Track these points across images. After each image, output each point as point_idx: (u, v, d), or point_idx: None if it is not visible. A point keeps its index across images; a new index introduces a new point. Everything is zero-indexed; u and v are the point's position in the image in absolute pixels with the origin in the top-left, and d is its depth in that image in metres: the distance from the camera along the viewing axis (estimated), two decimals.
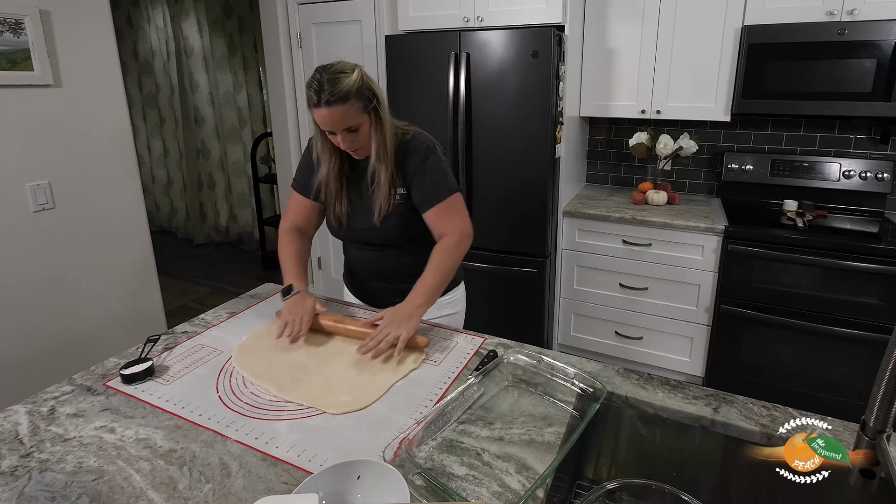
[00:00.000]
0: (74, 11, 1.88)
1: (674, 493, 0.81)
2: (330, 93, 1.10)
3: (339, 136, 1.18)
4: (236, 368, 1.10)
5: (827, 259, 2.05)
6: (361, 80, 1.15)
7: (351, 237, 1.39)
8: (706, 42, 2.33)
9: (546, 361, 1.05)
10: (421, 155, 1.27)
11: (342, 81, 1.11)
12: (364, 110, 1.17)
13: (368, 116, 1.18)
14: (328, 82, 1.11)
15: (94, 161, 2.00)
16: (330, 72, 1.13)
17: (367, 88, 1.17)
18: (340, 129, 1.16)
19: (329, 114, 1.12)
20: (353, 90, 1.12)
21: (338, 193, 1.32)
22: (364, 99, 1.16)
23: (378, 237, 1.33)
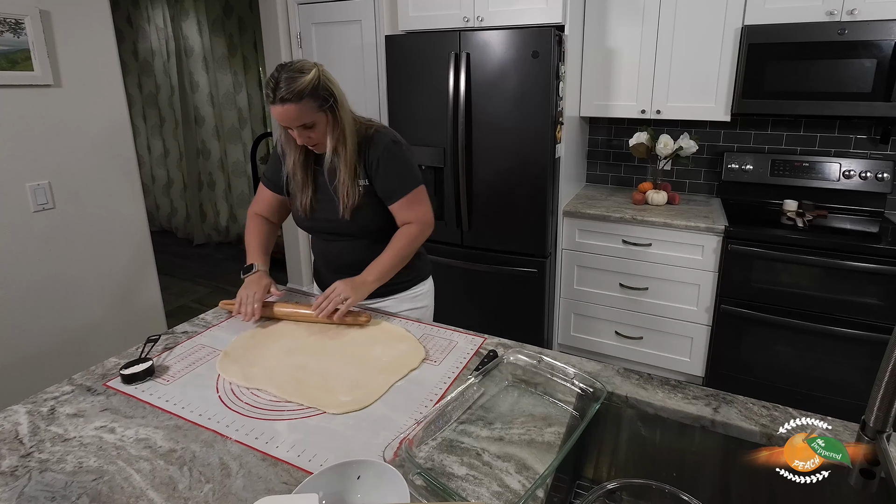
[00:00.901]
0: (74, 11, 1.88)
1: (674, 493, 0.81)
2: (285, 90, 1.15)
3: (296, 132, 1.23)
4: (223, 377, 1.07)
5: (827, 259, 2.05)
6: (318, 79, 1.19)
7: (317, 228, 1.42)
8: (706, 42, 2.33)
9: (546, 361, 1.05)
10: (384, 148, 1.32)
11: (297, 81, 1.16)
12: (319, 109, 1.21)
13: (325, 115, 1.23)
14: (284, 81, 1.15)
15: (94, 161, 2.00)
16: (288, 70, 1.17)
17: (324, 88, 1.21)
18: (295, 125, 1.21)
19: (283, 111, 1.17)
20: (307, 90, 1.17)
21: (304, 184, 1.36)
22: (319, 98, 1.20)
23: (346, 229, 1.37)
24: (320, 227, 1.42)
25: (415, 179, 1.36)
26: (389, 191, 1.34)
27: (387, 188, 1.34)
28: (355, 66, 2.83)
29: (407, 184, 1.34)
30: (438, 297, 1.60)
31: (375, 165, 1.32)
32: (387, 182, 1.33)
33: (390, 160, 1.32)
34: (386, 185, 1.33)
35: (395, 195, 1.34)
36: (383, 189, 1.34)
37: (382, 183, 1.33)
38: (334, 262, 1.45)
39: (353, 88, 2.87)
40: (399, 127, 2.53)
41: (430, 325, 1.30)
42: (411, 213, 1.36)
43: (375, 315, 1.35)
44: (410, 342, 1.19)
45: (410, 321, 1.32)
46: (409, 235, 1.35)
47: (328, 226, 1.39)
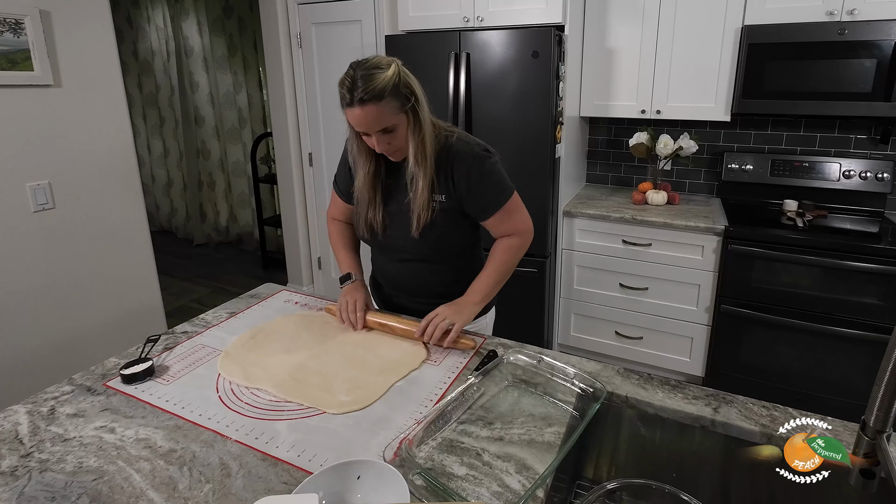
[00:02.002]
0: (74, 11, 1.88)
1: (674, 493, 0.81)
2: (363, 90, 1.02)
3: (375, 138, 1.10)
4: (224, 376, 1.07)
5: (827, 259, 2.05)
6: (399, 76, 1.06)
7: (385, 246, 1.30)
8: (706, 42, 2.33)
9: (546, 361, 1.05)
10: (473, 161, 1.18)
11: (377, 78, 1.03)
12: (401, 110, 1.08)
13: (406, 116, 1.09)
14: (362, 79, 1.02)
15: (94, 161, 2.00)
16: (364, 67, 1.04)
17: (405, 86, 1.08)
18: (375, 130, 1.07)
19: (363, 114, 1.04)
20: (388, 88, 1.04)
21: (371, 200, 1.23)
22: (401, 97, 1.07)
23: (414, 249, 1.25)
24: (387, 246, 1.30)
25: (508, 190, 1.23)
26: (481, 208, 1.21)
27: (478, 205, 1.21)
28: None
29: (501, 197, 1.21)
30: None
31: (464, 181, 1.18)
32: (478, 199, 1.20)
33: (480, 175, 1.18)
34: (477, 203, 1.20)
35: (488, 211, 1.22)
36: (474, 206, 1.21)
37: (472, 200, 1.20)
38: (395, 282, 1.37)
39: None
40: None
41: None
42: (508, 224, 1.24)
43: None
44: (412, 343, 1.19)
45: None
46: (510, 248, 1.24)
47: (395, 244, 1.27)
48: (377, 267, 1.41)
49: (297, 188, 3.27)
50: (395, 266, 1.33)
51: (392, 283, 1.38)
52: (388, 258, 1.34)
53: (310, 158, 3.18)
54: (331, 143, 3.06)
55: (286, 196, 3.34)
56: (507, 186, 1.23)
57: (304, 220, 3.35)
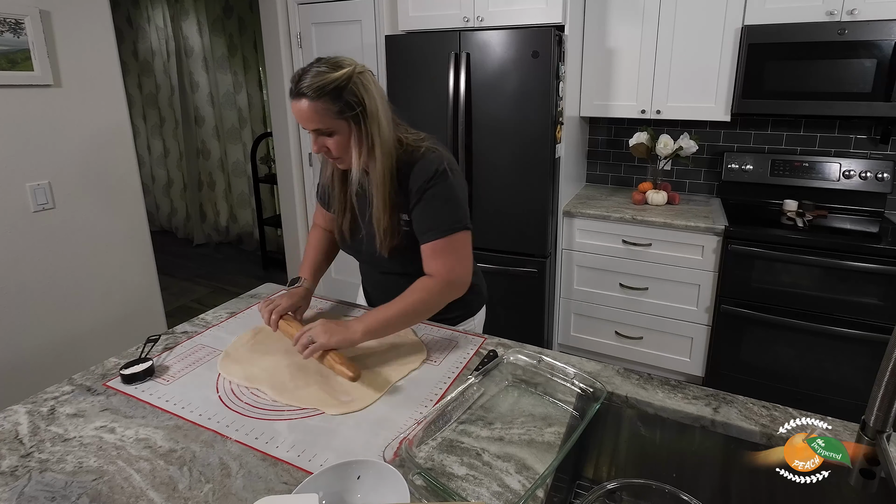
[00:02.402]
0: (74, 11, 1.88)
1: (674, 493, 0.81)
2: (304, 85, 1.00)
3: (312, 137, 1.07)
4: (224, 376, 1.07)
5: (827, 259, 2.05)
6: (347, 81, 1.01)
7: (358, 257, 1.28)
8: (706, 42, 2.33)
9: (546, 361, 1.05)
10: (427, 178, 1.10)
11: (323, 76, 1.00)
12: (339, 115, 1.02)
13: (346, 124, 1.04)
14: (310, 74, 1.01)
15: (94, 161, 2.00)
16: (321, 63, 1.03)
17: (352, 94, 1.02)
18: (308, 127, 1.04)
19: (298, 107, 1.02)
20: (327, 88, 1.00)
21: (341, 206, 1.20)
22: (341, 103, 1.01)
23: (383, 265, 1.22)
24: (361, 257, 1.28)
25: (455, 221, 1.11)
26: (423, 228, 1.12)
27: (421, 225, 1.12)
28: None
29: (443, 224, 1.10)
30: None
31: (416, 195, 1.11)
32: (420, 220, 1.12)
33: (430, 192, 1.10)
34: (421, 222, 1.12)
35: (428, 235, 1.11)
36: (417, 226, 1.13)
37: (418, 217, 1.12)
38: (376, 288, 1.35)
39: None
40: None
41: (430, 325, 1.29)
42: (437, 262, 1.11)
43: None
44: (412, 342, 1.19)
45: None
46: (424, 291, 1.10)
47: (367, 257, 1.24)
48: (363, 275, 1.41)
49: (297, 188, 3.27)
50: (377, 277, 1.33)
51: (376, 290, 1.37)
52: (368, 268, 1.34)
53: (310, 158, 3.18)
54: None
55: (286, 196, 3.34)
56: (457, 220, 1.12)
57: (304, 220, 3.35)
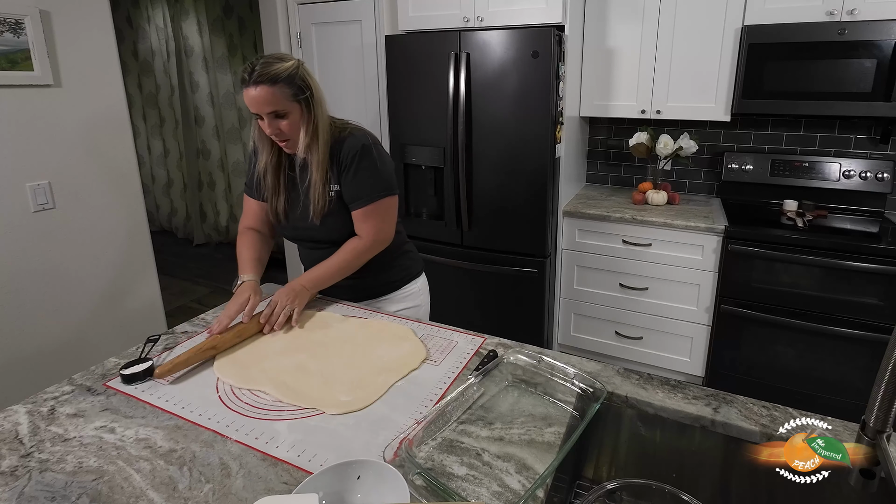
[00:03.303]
0: (74, 11, 1.88)
1: (674, 493, 0.81)
2: (259, 73, 1.14)
3: (266, 121, 1.19)
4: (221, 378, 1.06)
5: (827, 259, 2.05)
6: (297, 69, 1.19)
7: (294, 235, 1.40)
8: (706, 42, 2.33)
9: (546, 361, 1.05)
10: (354, 151, 1.27)
11: (274, 65, 1.15)
12: (294, 98, 1.19)
13: (298, 106, 1.20)
14: (261, 64, 1.15)
15: (94, 161, 2.00)
16: (267, 57, 1.18)
17: (301, 79, 1.19)
18: (266, 111, 1.18)
19: (256, 94, 1.15)
20: (282, 74, 1.16)
21: (275, 189, 1.33)
22: (295, 87, 1.18)
23: (318, 235, 1.34)
24: (296, 235, 1.40)
25: (379, 189, 1.30)
26: (351, 196, 1.30)
27: (349, 194, 1.30)
28: (355, 66, 2.83)
29: (369, 193, 1.29)
30: (439, 297, 1.60)
31: (345, 169, 1.28)
32: (350, 188, 1.29)
33: (357, 165, 1.28)
34: (348, 191, 1.29)
35: (356, 203, 1.30)
36: (347, 195, 1.30)
37: (347, 188, 1.29)
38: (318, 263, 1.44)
39: (352, 88, 2.87)
40: (399, 127, 2.54)
41: (430, 325, 1.30)
42: (366, 224, 1.31)
43: (376, 315, 1.35)
44: (412, 342, 1.19)
45: (411, 321, 1.32)
46: (354, 251, 1.32)
47: (303, 233, 1.37)
48: (302, 258, 1.49)
49: None
50: (313, 253, 1.41)
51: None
52: (302, 245, 1.44)
53: None
54: None
55: None
56: (384, 187, 1.30)
57: None
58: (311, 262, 1.42)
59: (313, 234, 1.36)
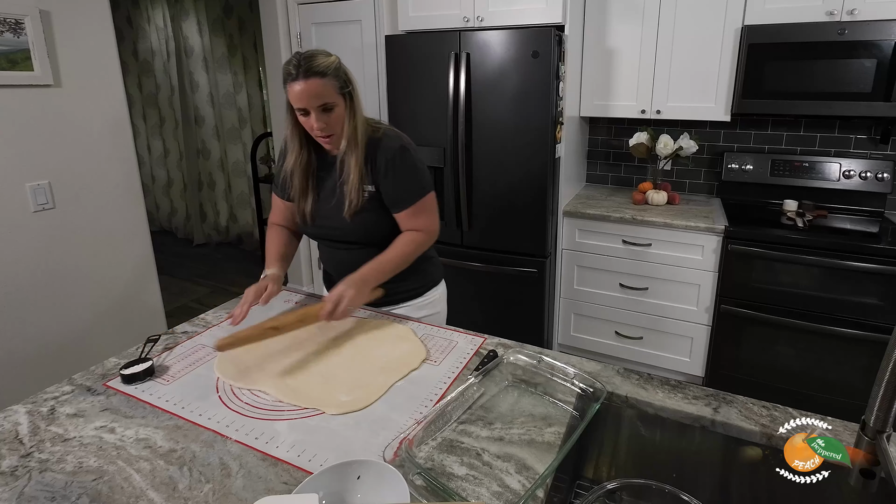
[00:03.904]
0: (74, 11, 1.88)
1: (674, 493, 0.81)
2: (307, 67, 1.13)
3: (313, 115, 1.18)
4: (221, 378, 1.06)
5: (827, 259, 2.05)
6: (339, 64, 1.19)
7: (319, 235, 1.39)
8: (706, 42, 2.33)
9: (546, 361, 1.05)
10: (393, 153, 1.27)
11: (320, 58, 1.15)
12: (339, 91, 1.18)
13: (344, 99, 1.20)
14: (306, 58, 1.14)
15: (94, 161, 2.00)
16: (308, 52, 1.17)
17: (344, 73, 1.20)
18: (315, 105, 1.16)
19: (305, 86, 1.14)
20: (330, 67, 1.16)
21: (303, 189, 1.32)
22: (340, 80, 1.18)
23: (347, 234, 1.33)
24: (323, 235, 1.38)
25: (422, 188, 1.31)
26: (395, 199, 1.29)
27: (393, 197, 1.29)
28: (355, 66, 2.83)
29: (414, 193, 1.29)
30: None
31: (383, 171, 1.27)
32: (394, 190, 1.28)
33: (398, 167, 1.27)
34: (392, 194, 1.28)
35: (401, 204, 1.29)
36: (389, 197, 1.29)
37: (389, 191, 1.28)
38: (339, 268, 1.40)
39: None
40: (399, 127, 2.51)
41: (430, 326, 1.30)
42: (417, 222, 1.31)
43: (378, 316, 1.35)
44: (412, 342, 1.19)
45: (411, 321, 1.32)
46: (413, 242, 1.30)
47: (332, 233, 1.35)
48: (324, 258, 1.47)
49: None
50: (338, 253, 1.40)
51: (339, 270, 1.41)
52: (328, 245, 1.41)
53: None
54: None
55: None
56: (422, 184, 1.31)
57: None
58: (335, 262, 1.41)
59: (341, 233, 1.33)
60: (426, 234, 1.33)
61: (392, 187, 1.28)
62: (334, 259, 1.42)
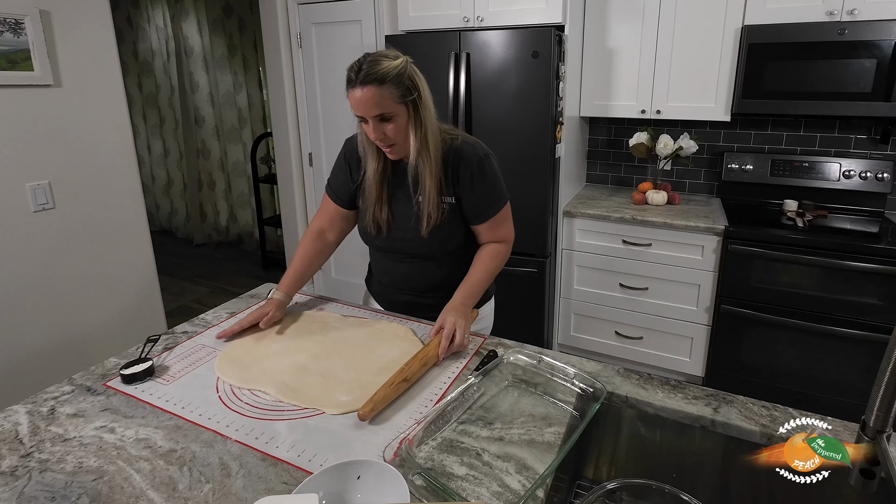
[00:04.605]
0: (74, 11, 1.88)
1: (674, 493, 0.81)
2: (367, 72, 1.06)
3: (371, 125, 1.12)
4: (221, 378, 1.06)
5: (827, 259, 2.05)
6: (405, 68, 1.10)
7: (388, 247, 1.31)
8: (706, 42, 2.33)
9: (546, 361, 1.05)
10: (476, 163, 1.21)
11: (382, 63, 1.07)
12: (401, 100, 1.10)
13: (406, 108, 1.12)
14: (368, 63, 1.07)
15: (94, 161, 2.00)
16: (374, 55, 1.10)
17: (409, 79, 1.11)
18: (372, 114, 1.09)
19: (362, 94, 1.07)
20: (391, 74, 1.07)
21: (378, 198, 1.24)
22: (402, 87, 1.09)
23: (421, 249, 1.27)
24: (392, 247, 1.30)
25: (504, 197, 1.27)
26: (478, 211, 1.24)
27: (476, 208, 1.24)
28: None
29: (496, 204, 1.25)
30: None
31: (467, 183, 1.21)
32: (478, 201, 1.23)
33: (483, 178, 1.21)
34: (476, 204, 1.23)
35: (483, 216, 1.25)
36: (472, 208, 1.24)
37: (472, 202, 1.23)
38: (400, 282, 1.37)
39: None
40: None
41: (430, 325, 1.29)
42: (499, 232, 1.28)
43: (378, 316, 1.35)
44: (412, 342, 1.19)
45: (411, 321, 1.32)
46: (498, 254, 1.27)
47: (401, 245, 1.28)
48: (380, 269, 1.41)
49: (297, 188, 3.27)
50: (401, 266, 1.34)
51: (399, 283, 1.37)
52: (392, 258, 1.34)
53: (310, 158, 3.18)
54: (331, 144, 3.06)
55: (286, 196, 3.34)
56: (504, 194, 1.28)
57: (304, 220, 3.35)
58: (396, 274, 1.36)
59: (413, 247, 1.27)
60: (507, 244, 1.30)
61: (476, 199, 1.23)
62: (396, 272, 1.35)
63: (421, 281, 1.34)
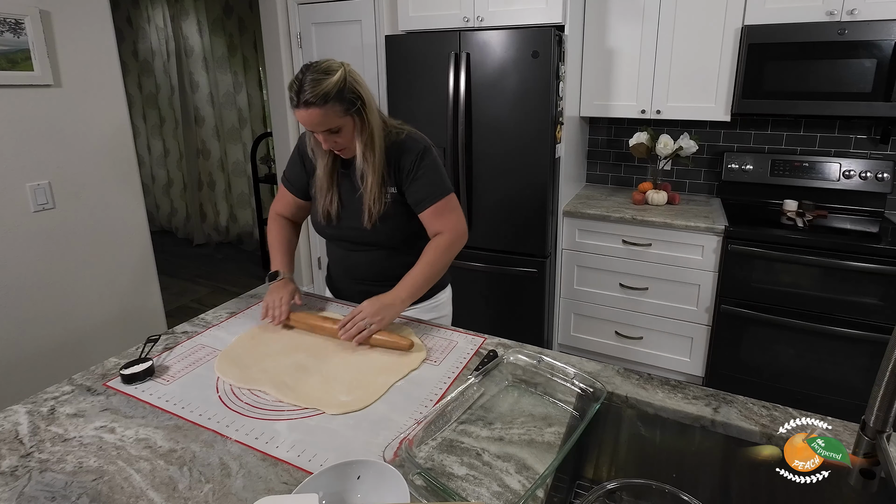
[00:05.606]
0: (74, 11, 1.88)
1: (674, 493, 0.81)
2: (309, 93, 1.10)
3: (321, 137, 1.18)
4: (221, 378, 1.06)
5: (827, 259, 2.05)
6: (344, 81, 1.14)
7: (339, 236, 1.37)
8: (706, 42, 2.33)
9: (546, 361, 1.05)
10: (416, 154, 1.27)
11: (322, 84, 1.10)
12: (346, 113, 1.15)
13: (351, 119, 1.17)
14: (308, 83, 1.10)
15: (94, 161, 2.00)
16: (313, 71, 1.12)
17: (351, 91, 1.15)
18: (319, 130, 1.16)
19: (307, 115, 1.12)
20: (331, 93, 1.11)
21: (328, 190, 1.31)
22: (346, 102, 1.14)
23: (368, 238, 1.32)
24: (342, 236, 1.36)
25: (446, 187, 1.30)
26: (420, 198, 1.28)
27: (418, 196, 1.28)
28: (355, 66, 2.79)
29: (438, 191, 1.28)
30: None
31: (407, 172, 1.27)
32: (419, 189, 1.28)
33: (422, 167, 1.27)
34: (417, 193, 1.28)
35: (426, 203, 1.28)
36: (414, 197, 1.28)
37: (413, 190, 1.28)
38: (353, 271, 1.41)
39: None
40: None
41: (430, 326, 1.30)
42: (442, 221, 1.30)
43: None
44: (412, 342, 1.18)
45: (411, 321, 1.32)
46: (440, 247, 1.29)
47: (350, 234, 1.33)
48: (334, 259, 1.46)
49: None
50: (353, 255, 1.38)
51: (351, 273, 1.42)
52: (343, 247, 1.40)
53: None
54: None
55: None
56: (447, 185, 1.31)
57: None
58: (349, 264, 1.40)
59: (361, 237, 1.32)
60: (453, 234, 1.31)
61: (416, 186, 1.28)
62: (348, 261, 1.40)
63: (371, 270, 1.37)
